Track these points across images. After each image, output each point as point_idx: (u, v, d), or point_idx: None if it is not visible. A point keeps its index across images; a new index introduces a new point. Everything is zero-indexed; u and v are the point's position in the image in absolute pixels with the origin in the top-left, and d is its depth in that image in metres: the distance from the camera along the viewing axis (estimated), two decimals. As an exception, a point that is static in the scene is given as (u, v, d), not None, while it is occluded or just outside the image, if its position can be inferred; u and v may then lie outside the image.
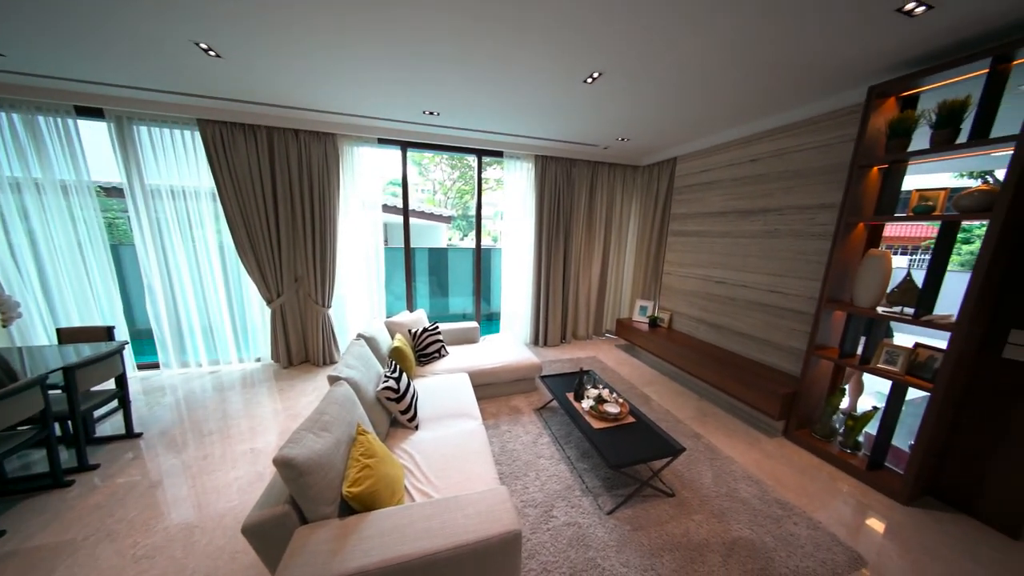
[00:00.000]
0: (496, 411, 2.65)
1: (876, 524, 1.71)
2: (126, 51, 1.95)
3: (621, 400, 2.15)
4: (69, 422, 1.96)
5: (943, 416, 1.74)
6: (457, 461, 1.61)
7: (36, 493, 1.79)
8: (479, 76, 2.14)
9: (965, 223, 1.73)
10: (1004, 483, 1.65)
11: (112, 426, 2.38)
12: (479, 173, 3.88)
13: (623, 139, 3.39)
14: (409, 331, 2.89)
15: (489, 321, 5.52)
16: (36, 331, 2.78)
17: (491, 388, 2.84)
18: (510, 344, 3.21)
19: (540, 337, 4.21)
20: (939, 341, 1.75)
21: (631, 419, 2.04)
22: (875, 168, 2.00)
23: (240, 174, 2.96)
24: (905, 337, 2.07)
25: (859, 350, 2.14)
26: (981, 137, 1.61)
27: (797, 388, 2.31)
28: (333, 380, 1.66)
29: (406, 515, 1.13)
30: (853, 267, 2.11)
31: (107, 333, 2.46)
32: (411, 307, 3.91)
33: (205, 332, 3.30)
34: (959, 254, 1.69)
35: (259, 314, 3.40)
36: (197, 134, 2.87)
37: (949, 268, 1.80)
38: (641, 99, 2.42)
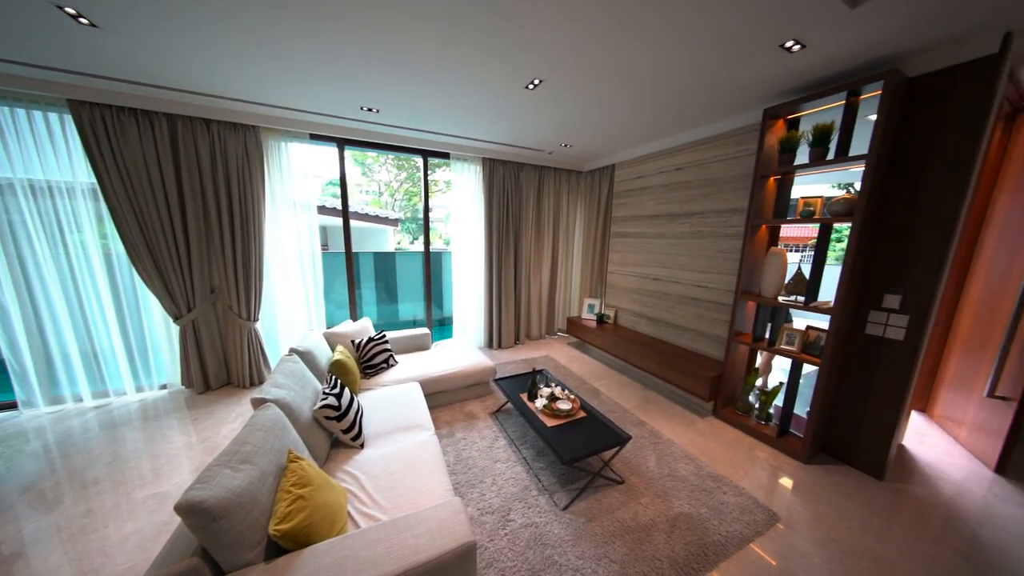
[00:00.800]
0: (450, 419, 2.58)
1: (786, 483, 1.99)
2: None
3: (572, 396, 2.23)
4: None
5: (829, 385, 2.09)
6: (408, 477, 1.52)
7: None
8: (421, 75, 2.08)
9: (836, 225, 2.11)
10: (871, 436, 2.03)
11: (-60, 490, 1.83)
12: (425, 175, 3.76)
13: (566, 145, 3.55)
14: (352, 342, 2.69)
15: (441, 326, 5.37)
16: None
17: (445, 395, 2.75)
18: (463, 348, 3.15)
19: (494, 339, 4.20)
20: (823, 322, 2.10)
21: (582, 414, 2.12)
22: (771, 178, 2.34)
23: (132, 168, 2.49)
24: (800, 321, 2.45)
25: (767, 334, 2.48)
26: (843, 155, 1.98)
27: (721, 371, 2.61)
28: (258, 403, 1.46)
29: (347, 545, 1.03)
30: (759, 263, 2.45)
31: (-70, 369, 1.89)
32: (355, 316, 3.64)
33: (87, 358, 2.71)
34: (834, 250, 2.08)
35: (164, 333, 2.89)
36: (69, 118, 2.35)
37: (828, 262, 2.18)
38: (579, 108, 2.55)
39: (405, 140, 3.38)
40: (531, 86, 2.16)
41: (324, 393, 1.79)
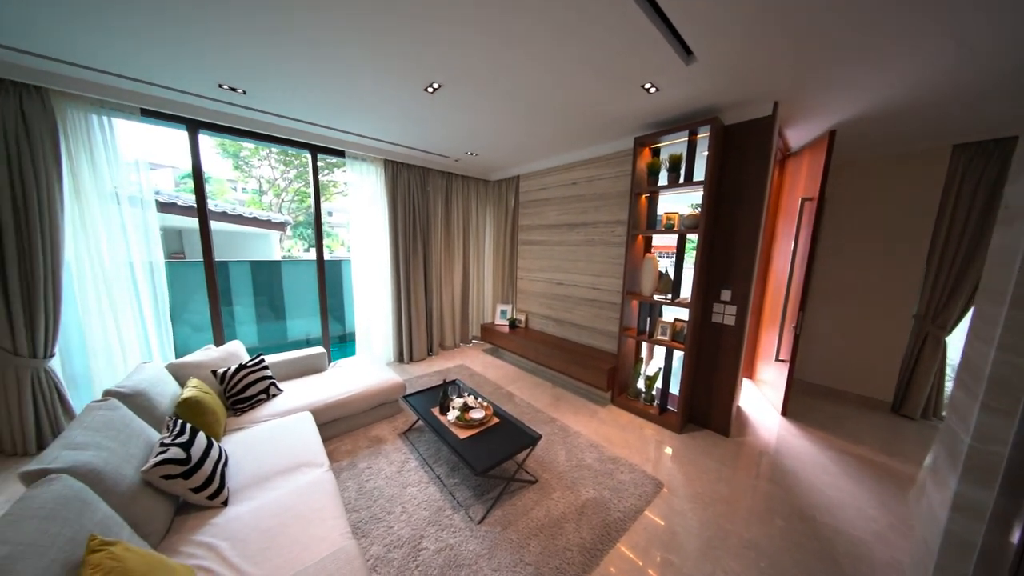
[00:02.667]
0: (352, 447, 2.27)
1: (666, 453, 2.35)
2: None
3: (486, 404, 2.21)
4: None
5: (691, 366, 2.57)
6: (290, 529, 1.27)
7: None
8: (303, 54, 1.81)
9: (689, 235, 2.63)
10: (719, 403, 2.56)
11: None
12: (315, 172, 3.31)
13: (472, 153, 3.59)
14: (215, 372, 2.15)
15: (343, 343, 4.78)
16: None
17: (345, 422, 2.42)
18: (368, 366, 2.84)
19: (405, 353, 3.93)
20: (685, 315, 2.57)
21: (496, 420, 2.12)
22: (643, 196, 2.80)
23: None
24: (669, 315, 2.96)
25: (647, 327, 2.92)
26: (688, 180, 2.49)
27: (616, 363, 2.96)
28: (34, 478, 1.02)
29: (187, 645, 0.78)
30: (638, 267, 2.88)
31: None
32: (221, 340, 2.94)
33: None
34: (691, 256, 2.63)
35: None
36: None
37: (686, 266, 2.70)
38: (479, 119, 2.60)
39: (287, 131, 2.92)
40: (431, 89, 2.11)
41: (163, 444, 1.37)
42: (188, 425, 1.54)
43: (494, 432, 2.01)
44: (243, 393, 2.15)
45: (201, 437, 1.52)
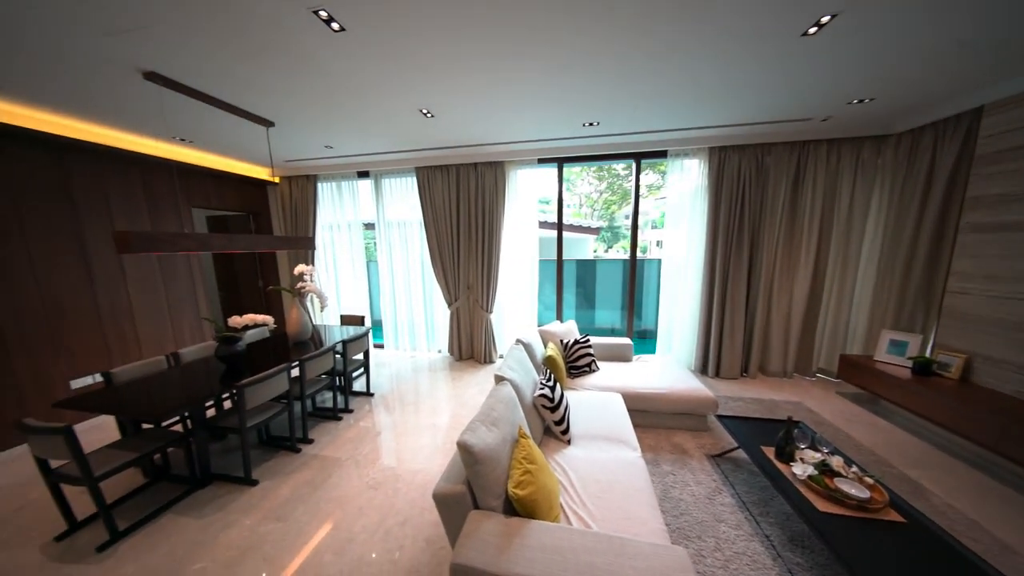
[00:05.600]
0: (655, 444, 2.29)
1: None
2: (381, 130, 2.86)
3: (871, 480, 1.42)
4: (341, 378, 2.94)
5: None
6: (615, 492, 1.43)
7: (325, 421, 2.76)
8: (648, 75, 1.96)
9: None
10: None
11: (359, 384, 3.43)
12: (637, 178, 3.60)
13: (861, 100, 2.39)
14: (561, 341, 2.91)
15: (641, 339, 4.98)
16: (333, 315, 4.42)
17: (647, 416, 2.48)
18: (671, 368, 2.75)
19: (710, 365, 3.44)
20: None
21: (895, 515, 1.32)
22: None
23: (437, 205, 3.81)
24: None
25: None
26: None
27: None
28: (499, 379, 1.80)
29: (567, 538, 1.06)
30: None
31: (361, 320, 3.61)
32: (561, 317, 3.98)
33: (411, 325, 4.37)
34: None
35: (442, 314, 4.24)
36: (413, 179, 3.88)
37: None
38: (910, 29, 1.61)
39: (619, 147, 3.36)
40: (813, 29, 1.57)
41: (541, 384, 1.99)
42: (552, 374, 2.17)
43: (894, 534, 1.24)
44: (577, 362, 2.76)
45: (559, 387, 2.08)
